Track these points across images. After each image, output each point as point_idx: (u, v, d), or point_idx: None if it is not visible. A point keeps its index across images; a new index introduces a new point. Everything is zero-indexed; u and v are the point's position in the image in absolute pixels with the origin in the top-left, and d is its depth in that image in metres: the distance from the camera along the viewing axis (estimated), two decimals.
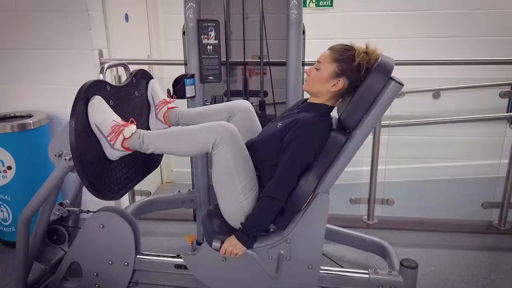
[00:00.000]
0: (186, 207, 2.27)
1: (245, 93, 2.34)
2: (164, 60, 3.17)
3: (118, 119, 1.49)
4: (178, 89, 2.01)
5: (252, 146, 1.53)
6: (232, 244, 1.44)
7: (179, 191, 2.27)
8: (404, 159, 3.36)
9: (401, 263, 1.65)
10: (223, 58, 2.17)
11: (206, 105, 2.21)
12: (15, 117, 2.39)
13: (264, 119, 2.05)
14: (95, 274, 1.76)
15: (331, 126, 1.51)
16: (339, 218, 2.63)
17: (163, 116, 1.80)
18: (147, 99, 1.84)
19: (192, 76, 2.06)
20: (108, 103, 1.52)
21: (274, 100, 2.19)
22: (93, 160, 1.48)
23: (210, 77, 2.09)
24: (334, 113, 1.58)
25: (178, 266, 1.74)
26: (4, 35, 2.43)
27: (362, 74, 1.46)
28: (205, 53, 2.05)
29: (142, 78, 1.81)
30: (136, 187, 2.78)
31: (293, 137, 1.41)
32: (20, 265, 1.72)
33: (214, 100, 2.17)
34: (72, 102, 1.42)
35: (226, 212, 1.51)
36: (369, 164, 2.56)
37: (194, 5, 2.01)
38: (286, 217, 1.51)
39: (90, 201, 2.62)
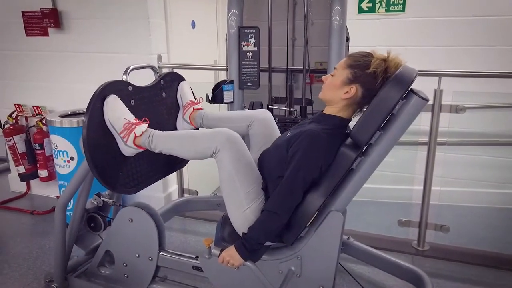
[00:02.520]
0: (221, 210, 2.30)
1: (289, 101, 2.30)
2: (210, 66, 3.26)
3: (131, 117, 1.56)
4: (216, 94, 2.06)
5: (262, 156, 1.50)
6: (230, 254, 1.42)
7: (215, 193, 2.31)
8: (464, 180, 2.98)
9: None
10: (266, 65, 2.16)
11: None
12: (83, 113, 2.66)
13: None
14: (124, 264, 1.88)
15: (343, 140, 1.41)
16: (385, 240, 2.45)
17: (189, 117, 1.85)
18: (177, 100, 1.91)
19: (231, 82, 2.09)
20: (129, 103, 1.60)
21: (312, 109, 2.12)
22: (106, 155, 1.56)
23: (249, 84, 2.10)
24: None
25: (195, 267, 1.77)
26: (77, 40, 2.73)
27: (378, 83, 1.34)
28: (245, 60, 2.07)
29: (172, 80, 1.88)
30: (185, 186, 2.91)
31: (296, 150, 1.35)
32: (58, 248, 1.89)
33: (252, 106, 2.17)
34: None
35: (232, 220, 1.50)
36: (422, 183, 2.32)
37: (236, 12, 2.05)
38: (293, 232, 1.45)
39: (144, 196, 2.85)
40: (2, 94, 3.07)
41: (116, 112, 1.53)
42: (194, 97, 1.93)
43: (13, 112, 2.97)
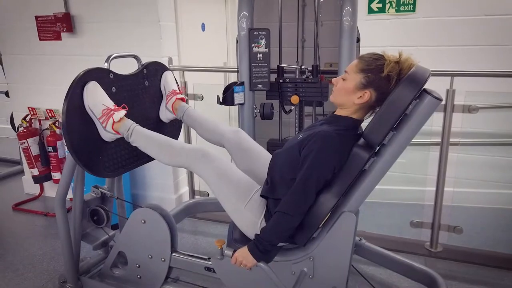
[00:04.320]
0: None
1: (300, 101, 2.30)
2: (220, 68, 3.27)
3: (109, 103, 1.59)
4: (227, 96, 2.07)
5: (274, 158, 1.50)
6: (242, 255, 1.43)
7: None
8: (478, 181, 2.93)
9: None
10: (275, 66, 2.17)
11: (255, 112, 2.24)
12: None
13: None
14: (137, 265, 1.89)
15: (355, 141, 1.41)
16: (397, 241, 2.43)
17: (172, 106, 1.88)
18: (160, 89, 1.93)
19: (242, 83, 2.10)
20: (110, 90, 1.63)
21: (323, 110, 2.11)
22: (86, 140, 1.59)
23: (259, 85, 2.10)
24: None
25: (208, 268, 1.77)
26: (89, 43, 2.77)
27: (392, 86, 1.33)
28: (255, 61, 2.07)
29: (156, 69, 1.90)
30: (196, 187, 2.92)
31: (309, 151, 1.34)
32: (65, 244, 1.88)
33: (263, 108, 2.17)
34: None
35: (236, 224, 1.55)
36: (434, 184, 2.30)
37: (247, 14, 2.05)
38: (305, 233, 1.45)
39: (155, 197, 2.87)
40: (16, 98, 3.12)
41: (96, 98, 1.56)
42: (178, 87, 1.96)
43: (27, 115, 3.01)
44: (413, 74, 1.27)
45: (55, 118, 2.93)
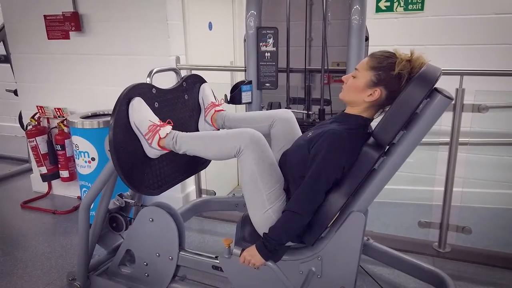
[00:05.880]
0: (240, 210, 2.31)
1: (307, 101, 2.30)
2: (227, 67, 3.27)
3: (155, 119, 1.57)
4: (234, 94, 2.07)
5: (284, 156, 1.49)
6: (251, 254, 1.42)
7: (233, 194, 2.32)
8: (487, 181, 2.90)
9: None
10: (283, 65, 2.16)
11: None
12: (103, 115, 2.72)
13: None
14: (145, 263, 1.90)
15: (365, 140, 1.40)
16: (405, 241, 2.42)
17: (211, 119, 1.86)
18: (199, 102, 1.92)
19: (250, 82, 2.09)
20: (153, 105, 1.62)
21: (331, 109, 2.10)
22: (131, 156, 1.59)
23: (267, 84, 2.10)
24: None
25: (215, 267, 1.77)
26: (97, 42, 2.78)
27: (403, 84, 1.32)
28: (263, 60, 2.07)
29: (194, 82, 1.90)
30: (203, 186, 2.93)
31: (318, 150, 1.34)
32: (81, 247, 1.93)
33: (270, 107, 2.17)
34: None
35: (253, 220, 1.50)
36: (443, 184, 2.28)
37: (255, 12, 2.05)
38: (314, 233, 1.44)
39: (163, 196, 2.88)
40: (25, 96, 3.14)
41: (141, 114, 1.54)
42: (216, 98, 1.95)
43: (35, 114, 3.04)
44: (424, 72, 1.26)
45: (63, 117, 2.94)
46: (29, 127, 3.00)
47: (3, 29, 3.20)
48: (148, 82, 1.70)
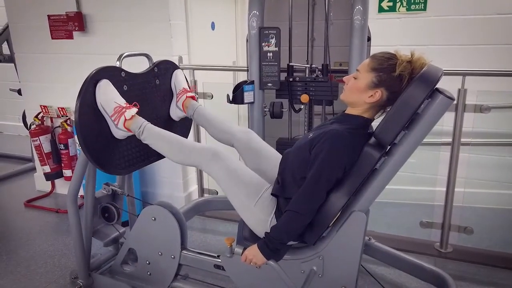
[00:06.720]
0: None
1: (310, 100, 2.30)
2: (230, 67, 3.28)
3: (121, 101, 1.60)
4: (236, 94, 2.08)
5: (285, 157, 1.51)
6: (252, 253, 1.43)
7: None
8: (489, 182, 2.90)
9: None
10: (285, 65, 2.17)
11: (265, 111, 2.24)
12: None
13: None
14: (147, 262, 1.91)
15: (366, 140, 1.40)
16: (406, 241, 2.42)
17: (182, 104, 1.89)
18: (171, 87, 1.94)
19: (252, 82, 2.10)
20: (121, 88, 1.65)
21: (333, 110, 2.11)
22: (98, 137, 1.61)
23: (269, 84, 2.10)
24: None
25: (217, 266, 1.78)
26: (101, 42, 2.79)
27: (404, 85, 1.33)
28: (265, 60, 2.08)
29: (166, 68, 1.91)
30: (205, 186, 2.94)
31: (319, 150, 1.35)
32: (76, 240, 1.91)
33: (272, 107, 2.18)
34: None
35: (247, 224, 1.55)
36: (444, 185, 2.28)
37: (257, 13, 2.06)
38: (315, 232, 1.45)
39: (164, 195, 2.89)
40: (28, 96, 3.16)
41: (108, 96, 1.58)
42: (188, 85, 1.98)
43: (39, 113, 3.05)
44: (425, 73, 1.26)
45: (67, 116, 2.96)
46: (32, 127, 3.02)
47: (7, 29, 3.22)
48: (117, 65, 1.71)
